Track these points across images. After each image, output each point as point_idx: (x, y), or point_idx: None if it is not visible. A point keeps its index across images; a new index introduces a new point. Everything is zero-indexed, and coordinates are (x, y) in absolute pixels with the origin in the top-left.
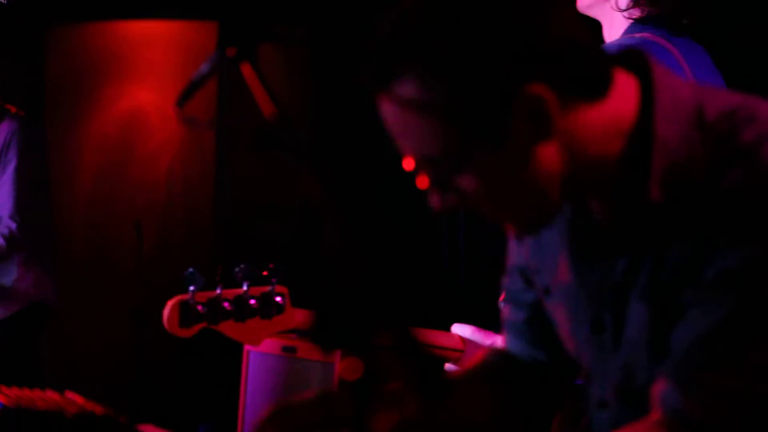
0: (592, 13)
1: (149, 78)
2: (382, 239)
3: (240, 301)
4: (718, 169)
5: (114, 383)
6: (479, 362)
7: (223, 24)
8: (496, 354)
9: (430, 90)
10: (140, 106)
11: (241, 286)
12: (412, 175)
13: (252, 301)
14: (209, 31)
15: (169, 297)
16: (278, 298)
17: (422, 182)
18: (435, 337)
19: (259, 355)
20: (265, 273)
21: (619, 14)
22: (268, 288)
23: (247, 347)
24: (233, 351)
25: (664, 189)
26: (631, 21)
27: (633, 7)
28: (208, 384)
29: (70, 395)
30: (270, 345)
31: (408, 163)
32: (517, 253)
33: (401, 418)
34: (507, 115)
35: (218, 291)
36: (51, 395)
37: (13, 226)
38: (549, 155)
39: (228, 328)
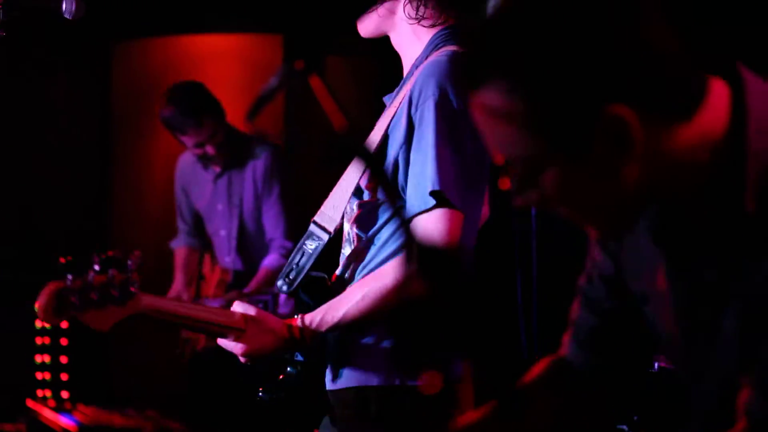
0: (381, 31)
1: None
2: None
3: (103, 289)
4: None
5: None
6: (540, 374)
7: (288, 37)
8: (556, 365)
9: (514, 100)
10: None
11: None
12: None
13: (114, 291)
14: (274, 44)
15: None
16: (133, 287)
17: (504, 183)
18: (215, 314)
19: None
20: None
21: (413, 26)
22: (125, 276)
23: None
24: None
25: (758, 199)
26: (433, 32)
27: (422, 15)
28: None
29: (149, 413)
30: None
31: (498, 159)
32: (603, 260)
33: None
34: (588, 133)
35: (90, 277)
36: (128, 412)
37: (289, 245)
38: (631, 172)
39: (90, 318)
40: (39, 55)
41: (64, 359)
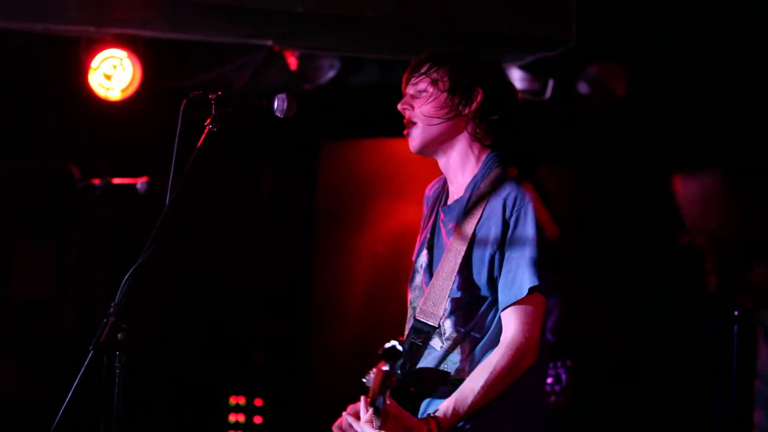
0: (435, 147)
1: (420, 196)
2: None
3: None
4: None
5: None
6: None
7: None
8: None
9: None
10: (411, 224)
11: None
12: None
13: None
14: None
15: None
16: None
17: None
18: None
19: None
20: None
21: (471, 145)
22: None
23: None
24: None
25: None
26: (486, 152)
27: (483, 135)
28: None
29: None
30: None
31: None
32: None
33: None
34: None
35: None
36: None
37: None
38: None
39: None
40: (249, 150)
41: None
